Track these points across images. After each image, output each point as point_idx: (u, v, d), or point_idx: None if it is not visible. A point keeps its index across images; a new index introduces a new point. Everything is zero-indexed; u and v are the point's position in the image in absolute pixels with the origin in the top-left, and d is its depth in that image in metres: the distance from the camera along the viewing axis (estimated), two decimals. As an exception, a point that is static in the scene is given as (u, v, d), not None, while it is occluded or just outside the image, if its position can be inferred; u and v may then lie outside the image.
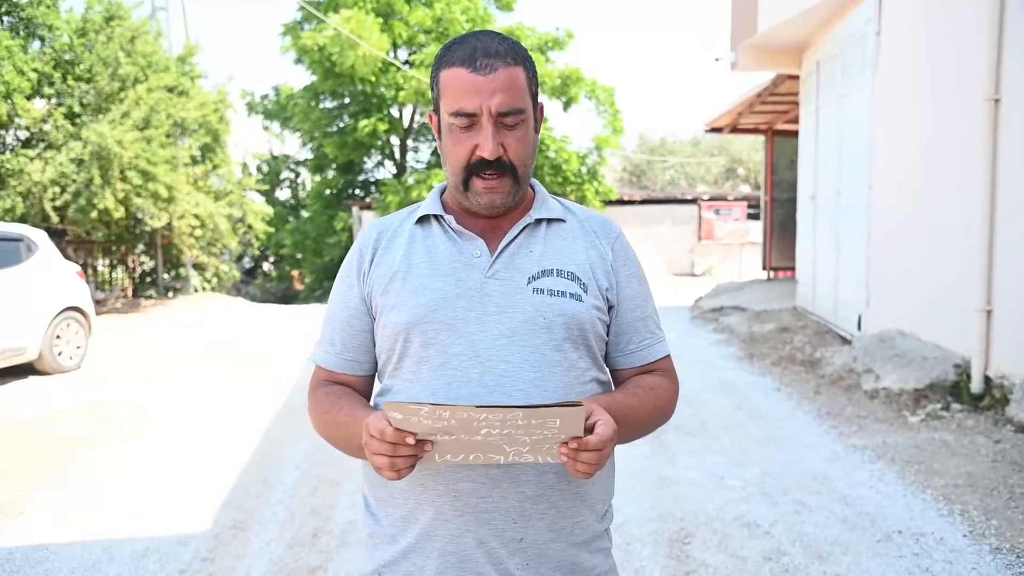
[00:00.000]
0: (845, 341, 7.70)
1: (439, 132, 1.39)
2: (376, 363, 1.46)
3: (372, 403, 1.45)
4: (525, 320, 1.33)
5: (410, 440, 1.15)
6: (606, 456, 1.19)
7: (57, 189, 11.95)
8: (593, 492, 1.40)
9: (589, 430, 1.18)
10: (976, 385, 5.38)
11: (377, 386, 1.48)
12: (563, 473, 1.33)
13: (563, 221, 1.45)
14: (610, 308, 1.43)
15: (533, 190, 1.48)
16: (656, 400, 1.42)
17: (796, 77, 10.57)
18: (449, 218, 1.41)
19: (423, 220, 1.45)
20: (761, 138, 15.35)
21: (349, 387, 1.45)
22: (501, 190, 1.35)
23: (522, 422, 1.12)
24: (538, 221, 1.43)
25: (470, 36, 1.35)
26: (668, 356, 1.50)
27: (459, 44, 1.34)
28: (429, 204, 1.46)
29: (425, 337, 1.34)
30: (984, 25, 5.25)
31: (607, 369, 1.47)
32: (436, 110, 1.39)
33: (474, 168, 1.33)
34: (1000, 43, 5.21)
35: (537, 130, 1.41)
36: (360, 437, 1.24)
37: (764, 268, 14.46)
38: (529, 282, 1.36)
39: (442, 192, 1.49)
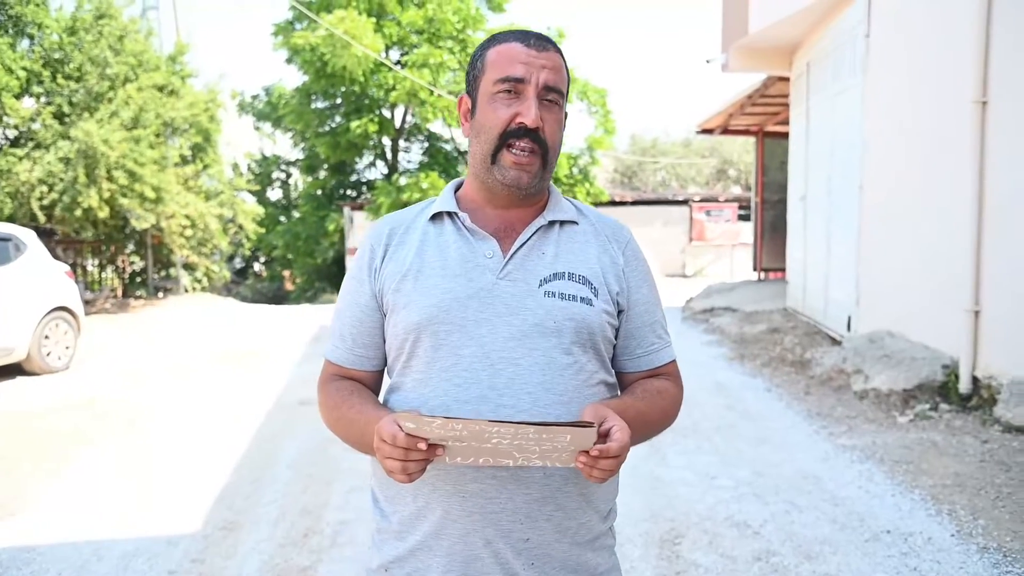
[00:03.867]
0: (835, 342, 7.73)
1: (470, 112, 1.41)
2: (386, 359, 1.46)
3: (382, 400, 1.45)
4: (535, 323, 1.34)
5: (422, 446, 1.16)
6: (623, 460, 1.21)
7: (45, 188, 11.89)
8: (598, 493, 1.41)
9: (605, 435, 1.19)
10: (964, 385, 5.41)
11: (386, 382, 1.49)
12: (569, 475, 1.34)
13: (576, 223, 1.46)
14: (620, 312, 1.44)
15: (548, 191, 1.48)
16: (664, 404, 1.44)
17: (787, 79, 10.61)
18: (463, 216, 1.42)
19: (436, 217, 1.45)
20: (752, 139, 15.39)
21: (359, 382, 1.46)
22: (530, 169, 1.36)
23: (533, 436, 1.13)
24: (551, 223, 1.43)
25: (519, 28, 1.41)
26: (674, 361, 1.51)
27: (510, 31, 1.40)
28: (443, 201, 1.46)
29: (436, 338, 1.34)
30: (972, 28, 5.28)
31: (614, 372, 1.47)
32: (471, 92, 1.42)
33: (511, 135, 1.34)
34: (988, 46, 5.24)
35: (563, 131, 1.43)
36: (371, 436, 1.25)
37: (755, 269, 14.50)
38: (541, 284, 1.37)
39: (456, 189, 1.49)
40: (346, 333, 1.46)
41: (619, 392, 1.47)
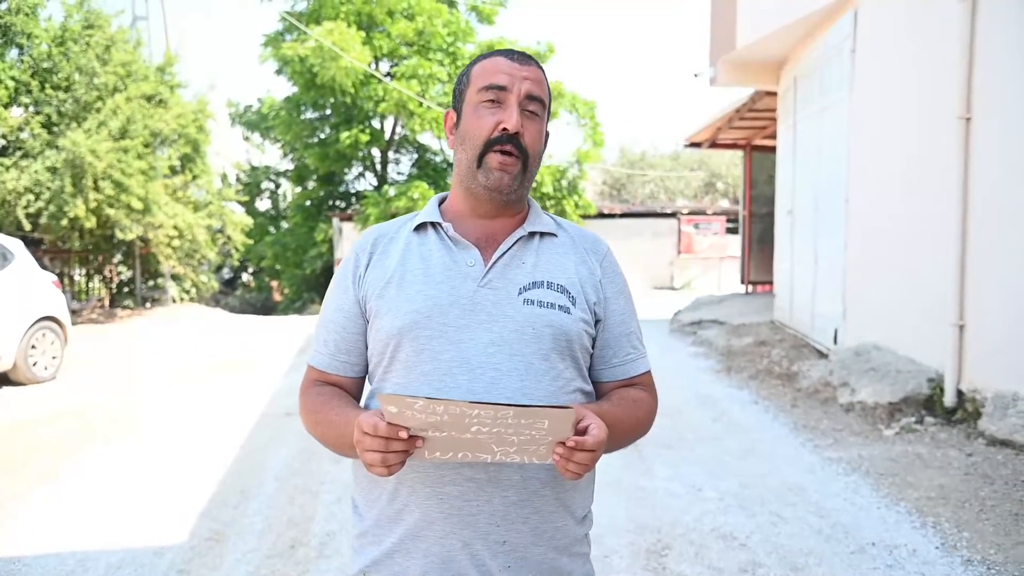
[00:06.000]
0: (822, 355, 7.77)
1: (455, 125, 1.47)
2: (368, 365, 1.49)
3: (363, 405, 1.47)
4: (514, 329, 1.37)
5: (403, 434, 1.18)
6: (598, 458, 1.23)
7: (31, 196, 11.85)
8: (575, 497, 1.44)
9: (582, 432, 1.22)
10: (949, 399, 5.45)
11: (367, 388, 1.52)
12: (547, 479, 1.37)
13: (555, 236, 1.51)
14: (597, 322, 1.47)
15: (528, 205, 1.52)
16: (639, 413, 1.47)
17: (774, 93, 10.69)
18: (447, 225, 1.46)
19: (421, 228, 1.49)
20: (740, 153, 15.49)
21: (340, 388, 1.49)
22: (512, 170, 1.41)
23: (512, 421, 1.16)
24: (531, 234, 1.48)
25: (505, 48, 1.49)
26: (649, 371, 1.55)
27: (497, 49, 1.49)
28: (428, 212, 1.51)
29: (417, 343, 1.37)
30: (956, 44, 5.35)
31: (590, 381, 1.50)
32: (456, 106, 1.48)
33: (495, 141, 1.40)
34: (971, 62, 5.30)
35: (544, 144, 1.49)
36: (351, 436, 1.27)
37: (743, 282, 14.55)
38: (520, 292, 1.40)
39: (440, 202, 1.54)
40: (329, 339, 1.48)
41: (595, 401, 1.50)
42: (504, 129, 1.39)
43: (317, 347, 1.51)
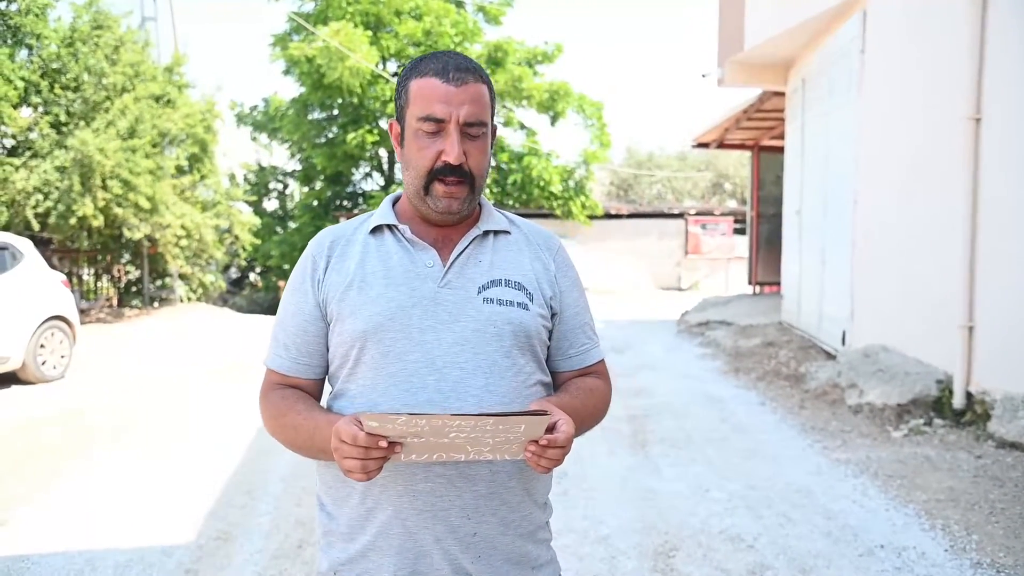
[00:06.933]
0: (829, 356, 7.75)
1: (400, 140, 1.47)
2: (328, 367, 1.50)
3: (325, 406, 1.48)
4: (476, 328, 1.40)
5: (382, 443, 1.20)
6: (568, 452, 1.28)
7: (40, 196, 11.91)
8: (537, 487, 1.49)
9: (551, 429, 1.25)
10: (958, 401, 5.43)
11: (328, 389, 1.53)
12: (514, 471, 1.42)
13: (508, 233, 1.53)
14: (553, 315, 1.51)
15: (479, 204, 1.54)
16: (596, 401, 1.52)
17: (782, 94, 10.67)
18: (404, 227, 1.47)
19: (377, 230, 1.50)
20: (748, 154, 15.46)
21: (302, 390, 1.49)
22: (460, 196, 1.42)
23: (491, 427, 1.19)
24: (486, 233, 1.50)
25: (440, 54, 1.44)
26: (603, 360, 1.60)
27: (431, 58, 1.43)
28: (382, 214, 1.51)
29: (382, 345, 1.39)
30: (966, 44, 5.33)
31: (549, 372, 1.54)
32: (399, 119, 1.47)
33: (437, 173, 1.40)
34: (981, 62, 5.28)
35: (492, 147, 1.49)
36: (321, 440, 1.32)
37: (750, 283, 14.53)
38: (479, 291, 1.43)
39: (394, 203, 1.55)
40: (290, 343, 1.49)
41: (553, 391, 1.53)
42: (445, 162, 1.39)
43: (276, 350, 1.51)
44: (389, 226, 1.49)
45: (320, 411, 1.41)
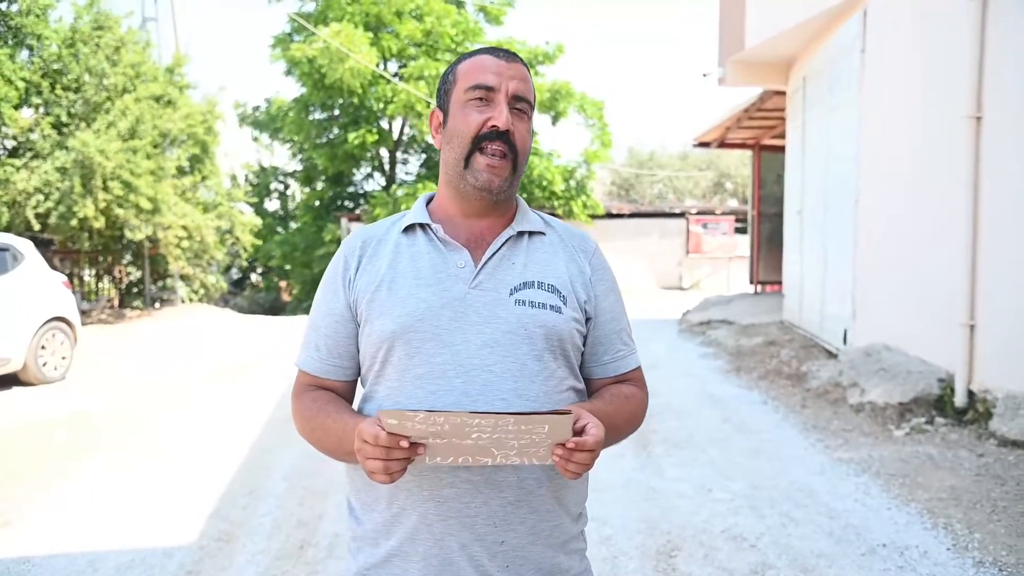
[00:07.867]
0: (831, 355, 7.74)
1: (441, 125, 1.46)
2: (360, 368, 1.48)
3: (356, 408, 1.46)
4: (507, 331, 1.37)
5: (404, 443, 1.18)
6: (597, 456, 1.24)
7: (41, 197, 11.91)
8: (569, 496, 1.44)
9: (579, 432, 1.22)
10: (960, 399, 5.43)
11: (360, 391, 1.51)
12: (543, 478, 1.38)
13: (543, 234, 1.50)
14: (587, 320, 1.47)
15: (516, 204, 1.52)
16: (632, 408, 1.48)
17: (783, 93, 10.66)
18: (436, 227, 1.45)
19: (409, 229, 1.48)
20: (749, 153, 15.45)
21: (333, 391, 1.48)
22: (501, 172, 1.40)
23: (512, 427, 1.17)
24: (520, 233, 1.47)
25: (489, 46, 1.48)
26: (639, 367, 1.56)
27: (481, 48, 1.46)
28: (415, 213, 1.49)
29: (410, 347, 1.37)
30: (966, 43, 5.32)
31: (582, 378, 1.50)
32: (442, 105, 1.46)
33: (483, 138, 1.39)
34: (982, 61, 5.28)
35: (531, 143, 1.47)
36: (349, 442, 1.28)
37: (751, 282, 14.52)
38: (511, 293, 1.40)
39: (428, 202, 1.53)
40: (321, 344, 1.47)
41: (587, 398, 1.50)
42: (494, 126, 1.38)
43: (308, 351, 1.49)
44: (422, 225, 1.47)
45: (350, 413, 1.39)
